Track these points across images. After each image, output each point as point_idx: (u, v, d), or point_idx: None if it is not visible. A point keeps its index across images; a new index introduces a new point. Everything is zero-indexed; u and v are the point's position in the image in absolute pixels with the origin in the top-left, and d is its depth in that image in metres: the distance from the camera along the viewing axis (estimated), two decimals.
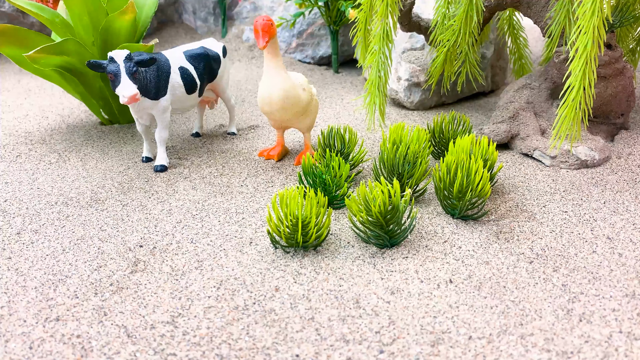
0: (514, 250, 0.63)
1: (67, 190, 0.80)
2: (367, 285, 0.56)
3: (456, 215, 0.70)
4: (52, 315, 0.53)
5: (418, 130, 0.77)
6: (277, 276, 0.58)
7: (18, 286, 0.57)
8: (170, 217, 0.72)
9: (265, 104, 0.80)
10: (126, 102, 0.76)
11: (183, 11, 1.93)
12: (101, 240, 0.66)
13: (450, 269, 0.59)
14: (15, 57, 1.01)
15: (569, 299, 0.54)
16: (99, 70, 0.78)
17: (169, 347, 0.48)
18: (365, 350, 0.48)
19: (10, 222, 0.71)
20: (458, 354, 0.47)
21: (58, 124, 1.11)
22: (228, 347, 0.48)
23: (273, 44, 0.78)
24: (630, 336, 0.49)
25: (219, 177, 0.84)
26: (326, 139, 0.84)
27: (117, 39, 0.98)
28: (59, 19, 0.99)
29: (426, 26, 1.00)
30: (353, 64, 1.56)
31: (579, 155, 0.85)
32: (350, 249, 0.63)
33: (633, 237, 0.65)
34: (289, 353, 0.47)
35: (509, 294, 0.55)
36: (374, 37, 0.90)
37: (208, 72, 0.93)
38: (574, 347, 0.48)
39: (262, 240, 0.66)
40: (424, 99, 1.14)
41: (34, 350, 0.48)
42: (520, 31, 1.11)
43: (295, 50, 1.57)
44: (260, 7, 1.75)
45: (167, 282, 0.58)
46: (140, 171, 0.87)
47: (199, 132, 1.03)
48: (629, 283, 0.56)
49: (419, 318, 0.52)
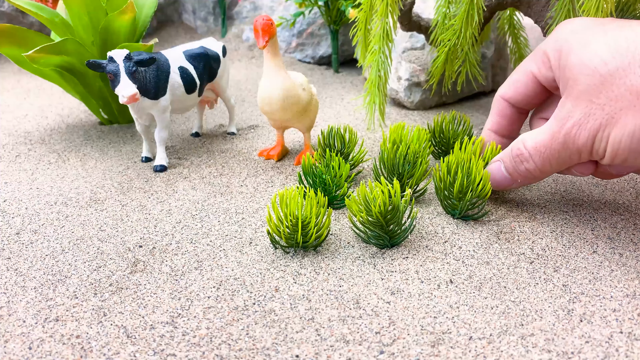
0: (515, 250, 0.63)
1: (66, 190, 0.80)
2: (367, 286, 0.56)
3: (456, 216, 0.70)
4: (51, 316, 0.52)
5: (418, 130, 0.77)
6: (277, 276, 0.58)
7: (17, 286, 0.57)
8: (170, 217, 0.71)
9: (265, 104, 0.80)
10: (125, 102, 0.76)
11: (183, 11, 1.93)
12: (100, 241, 0.66)
13: (451, 269, 0.59)
14: (14, 56, 1.01)
15: (570, 299, 0.54)
16: (99, 70, 0.78)
17: (168, 348, 0.48)
18: (366, 350, 0.47)
19: (10, 222, 0.71)
20: (458, 354, 0.47)
21: (57, 123, 1.11)
22: (228, 347, 0.48)
23: (273, 44, 0.78)
24: (630, 336, 0.49)
25: (218, 177, 0.84)
26: (326, 138, 0.84)
27: (117, 39, 0.98)
28: (59, 19, 0.98)
29: (426, 26, 1.00)
30: (353, 64, 1.56)
31: None
32: (350, 249, 0.63)
33: (634, 237, 0.65)
34: (288, 353, 0.47)
35: (510, 294, 0.55)
36: (374, 36, 0.90)
37: (208, 71, 0.93)
38: (575, 347, 0.48)
39: (262, 241, 0.66)
40: (424, 99, 1.13)
41: (34, 351, 0.48)
42: (520, 31, 1.11)
43: (295, 50, 1.57)
44: (260, 7, 1.75)
45: (167, 282, 0.58)
46: (139, 171, 0.87)
47: (198, 132, 1.03)
48: (629, 283, 0.56)
49: (419, 318, 0.51)
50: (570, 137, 0.58)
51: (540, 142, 0.61)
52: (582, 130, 0.57)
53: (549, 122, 0.60)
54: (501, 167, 0.67)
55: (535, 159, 0.62)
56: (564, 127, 0.58)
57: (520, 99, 0.69)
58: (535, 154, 0.62)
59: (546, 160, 0.62)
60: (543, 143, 0.61)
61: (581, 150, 0.58)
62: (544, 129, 0.61)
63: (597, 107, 0.55)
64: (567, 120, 0.58)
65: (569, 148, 0.59)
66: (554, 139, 0.59)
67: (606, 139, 0.55)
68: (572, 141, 0.58)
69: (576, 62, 0.57)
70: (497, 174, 0.68)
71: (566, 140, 0.58)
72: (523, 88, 0.68)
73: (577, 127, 0.57)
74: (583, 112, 0.56)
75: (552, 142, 0.60)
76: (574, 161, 0.60)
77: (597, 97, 0.55)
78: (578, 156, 0.59)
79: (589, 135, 0.56)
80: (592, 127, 0.56)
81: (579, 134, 0.57)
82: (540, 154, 0.62)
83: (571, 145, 0.58)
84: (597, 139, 0.56)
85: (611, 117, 0.54)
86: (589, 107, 0.56)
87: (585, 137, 0.57)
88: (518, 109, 0.71)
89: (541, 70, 0.65)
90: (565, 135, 0.58)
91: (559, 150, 0.60)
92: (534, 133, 0.62)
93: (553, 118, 0.60)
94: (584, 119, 0.56)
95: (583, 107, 0.56)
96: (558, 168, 0.62)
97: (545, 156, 0.61)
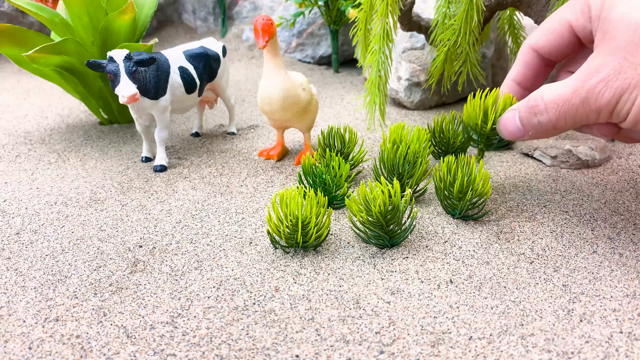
0: (515, 250, 0.63)
1: (66, 190, 0.80)
2: (367, 286, 0.56)
3: (456, 216, 0.70)
4: (51, 316, 0.52)
5: (418, 130, 0.77)
6: (277, 276, 0.58)
7: (17, 286, 0.57)
8: (170, 217, 0.71)
9: (265, 104, 0.80)
10: (125, 102, 0.76)
11: (183, 11, 1.93)
12: (100, 241, 0.66)
13: (451, 269, 0.59)
14: (14, 56, 1.01)
15: (570, 299, 0.54)
16: (99, 70, 0.78)
17: (168, 348, 0.48)
18: (366, 350, 0.47)
19: (10, 222, 0.71)
20: (458, 354, 0.47)
21: (57, 123, 1.11)
22: (228, 347, 0.48)
23: (273, 44, 0.78)
24: (630, 336, 0.49)
25: (218, 177, 0.84)
26: (326, 138, 0.84)
27: (117, 39, 0.98)
28: (59, 19, 0.98)
29: (426, 26, 1.00)
30: (353, 64, 1.56)
31: (579, 155, 0.85)
32: (350, 249, 0.63)
33: (634, 237, 0.65)
34: (288, 353, 0.47)
35: (510, 294, 0.55)
36: (374, 36, 0.90)
37: (208, 71, 0.93)
38: (575, 347, 0.48)
39: (262, 241, 0.66)
40: (424, 99, 1.13)
41: (33, 351, 0.48)
42: (520, 31, 1.11)
43: (295, 50, 1.57)
44: (260, 7, 1.75)
45: (167, 282, 0.58)
46: (139, 171, 0.87)
47: (198, 132, 1.03)
48: (629, 283, 0.56)
49: (419, 318, 0.51)
50: (594, 94, 0.54)
51: (560, 96, 0.57)
52: (607, 88, 0.53)
53: (574, 76, 0.56)
54: (515, 117, 0.64)
55: (551, 113, 0.59)
56: (588, 81, 0.54)
57: (551, 49, 0.65)
58: (552, 107, 0.58)
59: (562, 115, 0.58)
60: (563, 97, 0.57)
61: (602, 109, 0.55)
62: (567, 82, 0.57)
63: (630, 65, 0.52)
64: (595, 75, 0.54)
65: (589, 105, 0.55)
66: (575, 93, 0.56)
67: (632, 100, 0.52)
68: (594, 98, 0.54)
69: (618, 15, 0.53)
70: (511, 123, 0.64)
71: (588, 97, 0.55)
72: (556, 38, 0.63)
73: (604, 84, 0.53)
74: (614, 69, 0.53)
75: (572, 96, 0.56)
76: (591, 120, 0.57)
77: (633, 55, 0.52)
78: (596, 116, 0.56)
79: (614, 94, 0.53)
80: (620, 86, 0.53)
81: (604, 92, 0.53)
82: (557, 108, 0.58)
83: (593, 102, 0.55)
84: (622, 100, 0.53)
85: None
86: (622, 64, 0.52)
87: (609, 95, 0.53)
88: (546, 60, 0.67)
89: (579, 20, 0.60)
90: (588, 90, 0.55)
91: (577, 106, 0.56)
92: (555, 85, 0.58)
93: (579, 72, 0.56)
94: (613, 75, 0.53)
95: (616, 63, 0.53)
96: (573, 125, 0.59)
97: (563, 111, 0.58)
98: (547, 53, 0.66)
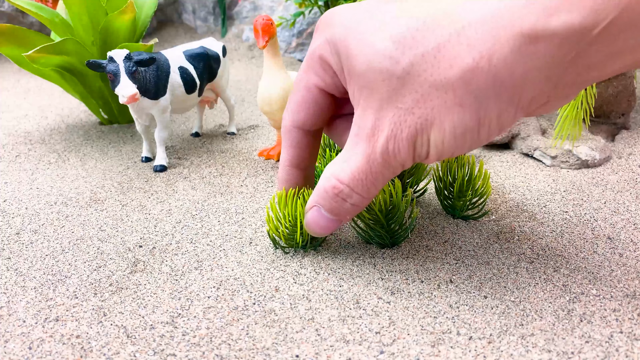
0: (515, 250, 0.63)
1: (66, 190, 0.80)
2: (367, 286, 0.56)
3: (456, 216, 0.70)
4: (51, 316, 0.52)
5: None
6: (277, 276, 0.58)
7: (17, 286, 0.57)
8: (170, 217, 0.71)
9: (265, 104, 0.80)
10: (125, 102, 0.76)
11: (183, 11, 1.93)
12: (100, 241, 0.66)
13: (451, 269, 0.59)
14: (14, 56, 1.01)
15: (570, 299, 0.54)
16: (99, 69, 0.78)
17: (168, 348, 0.48)
18: (366, 350, 0.47)
19: (10, 222, 0.71)
20: (458, 354, 0.47)
21: (57, 123, 1.11)
22: (228, 347, 0.48)
23: (273, 44, 0.78)
24: (630, 336, 0.49)
25: (218, 177, 0.84)
26: (326, 138, 0.84)
27: (117, 39, 0.98)
28: (59, 19, 0.98)
29: None
30: None
31: (579, 155, 0.85)
32: (350, 249, 0.63)
33: (634, 237, 0.65)
34: (288, 353, 0.47)
35: (510, 294, 0.55)
36: None
37: (208, 71, 0.93)
38: (575, 347, 0.48)
39: (262, 241, 0.66)
40: None
41: (33, 351, 0.48)
42: None
43: (295, 50, 1.57)
44: (260, 7, 1.75)
45: (167, 282, 0.58)
46: (139, 171, 0.87)
47: (198, 132, 1.03)
48: (629, 283, 0.56)
49: (419, 318, 0.51)
50: (390, 154, 0.49)
51: (357, 170, 0.51)
52: (399, 142, 0.48)
53: (353, 142, 0.51)
54: (321, 212, 0.56)
55: (359, 190, 0.52)
56: (376, 144, 0.49)
57: (314, 120, 0.58)
58: (356, 185, 0.52)
59: (371, 185, 0.52)
60: (360, 169, 0.51)
61: (405, 160, 0.49)
62: (354, 153, 0.51)
63: (406, 112, 0.46)
64: (378, 136, 0.48)
65: (392, 164, 0.50)
66: (371, 162, 0.50)
67: (427, 143, 0.47)
68: (393, 157, 0.49)
69: (364, 67, 0.47)
70: (321, 220, 0.56)
71: (386, 159, 0.49)
72: (313, 107, 0.57)
73: (393, 141, 0.48)
74: (393, 122, 0.47)
75: (370, 166, 0.50)
76: (399, 172, 0.52)
77: (402, 102, 0.46)
78: (402, 167, 0.51)
79: (408, 144, 0.48)
80: (409, 136, 0.47)
81: (399, 147, 0.48)
82: (361, 183, 0.52)
83: (393, 160, 0.49)
84: (417, 145, 0.48)
85: (425, 120, 0.46)
86: (397, 114, 0.47)
87: (405, 147, 0.48)
88: (314, 132, 0.60)
89: (326, 80, 0.54)
90: (382, 154, 0.49)
91: (380, 170, 0.51)
92: (343, 162, 0.52)
93: (358, 138, 0.50)
94: (396, 129, 0.47)
95: (391, 116, 0.47)
96: (384, 184, 0.54)
97: (369, 182, 0.52)
98: (312, 125, 0.59)
